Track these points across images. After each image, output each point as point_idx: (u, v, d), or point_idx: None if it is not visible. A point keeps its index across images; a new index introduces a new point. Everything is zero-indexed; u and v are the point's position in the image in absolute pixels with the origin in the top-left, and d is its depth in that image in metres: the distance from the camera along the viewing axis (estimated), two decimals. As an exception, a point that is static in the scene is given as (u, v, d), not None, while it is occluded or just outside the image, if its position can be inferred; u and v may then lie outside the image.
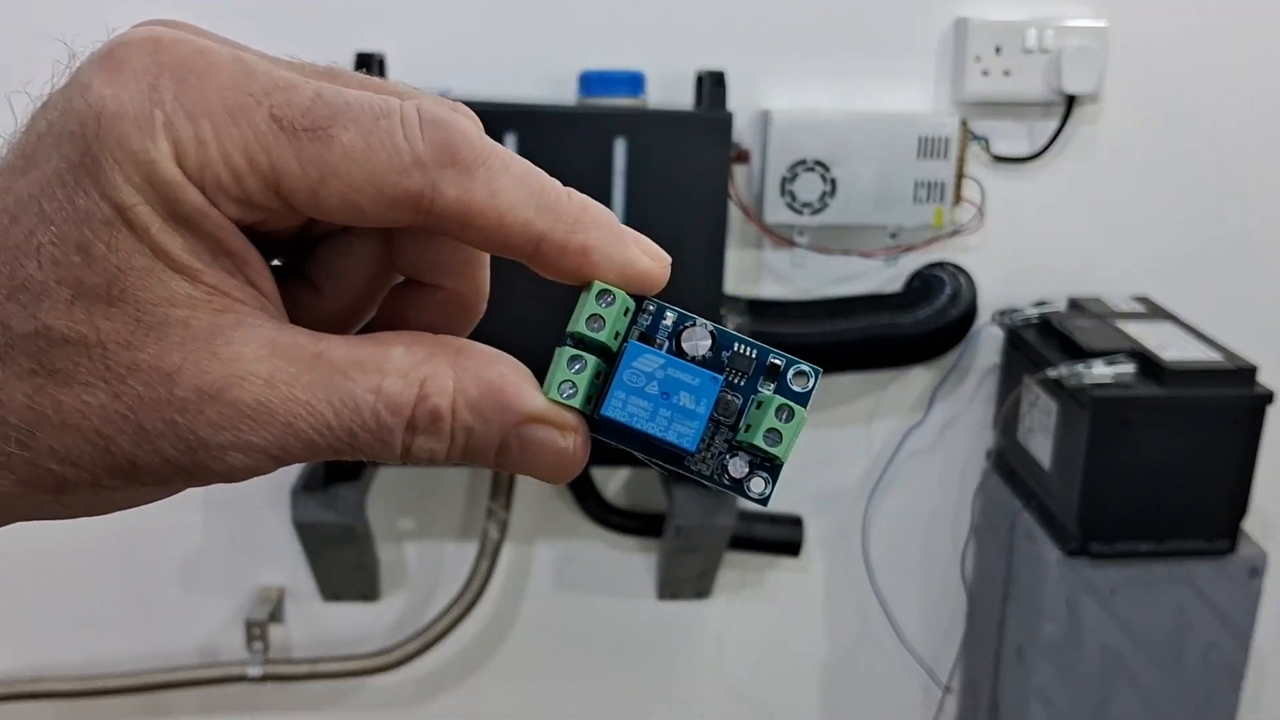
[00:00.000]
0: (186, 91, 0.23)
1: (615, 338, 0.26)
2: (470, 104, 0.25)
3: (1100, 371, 1.12)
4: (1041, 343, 1.22)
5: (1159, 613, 1.18)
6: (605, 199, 1.10)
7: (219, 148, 0.23)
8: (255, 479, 0.24)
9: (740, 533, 1.29)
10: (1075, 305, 1.30)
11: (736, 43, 1.23)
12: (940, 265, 1.29)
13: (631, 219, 1.11)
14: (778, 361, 0.27)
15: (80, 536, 1.31)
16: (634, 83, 1.17)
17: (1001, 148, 1.28)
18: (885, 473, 1.38)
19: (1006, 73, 1.23)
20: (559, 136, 1.11)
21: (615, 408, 0.25)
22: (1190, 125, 1.30)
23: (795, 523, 1.34)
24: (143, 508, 0.25)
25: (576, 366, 0.25)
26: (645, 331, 0.27)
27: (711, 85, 1.16)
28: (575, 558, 1.40)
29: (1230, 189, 1.33)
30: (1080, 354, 1.15)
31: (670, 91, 1.21)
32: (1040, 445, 1.21)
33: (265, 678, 1.34)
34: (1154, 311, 1.28)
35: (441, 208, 0.24)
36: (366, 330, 0.28)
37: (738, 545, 1.31)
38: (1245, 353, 1.15)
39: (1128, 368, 1.12)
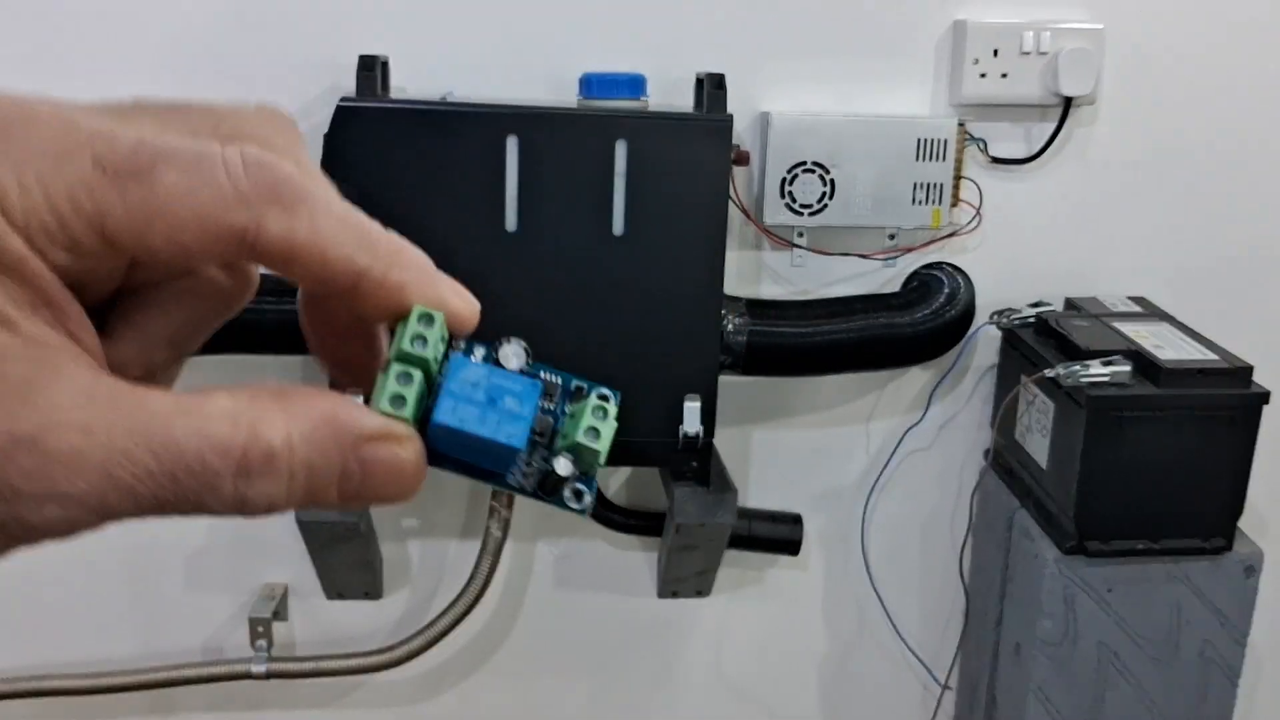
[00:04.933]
0: (9, 141, 0.23)
1: (436, 360, 0.27)
2: (472, 106, 0.26)
3: (1097, 371, 1.13)
4: (1039, 343, 1.23)
5: (1155, 610, 1.19)
6: (606, 201, 1.12)
7: (43, 193, 0.23)
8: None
9: (740, 531, 1.30)
10: (1072, 305, 1.31)
11: (736, 45, 1.23)
12: (938, 266, 1.30)
13: (632, 220, 1.12)
14: (581, 385, 0.29)
15: (85, 536, 1.32)
16: (635, 85, 1.17)
17: (999, 149, 1.28)
18: (884, 472, 1.39)
19: (1004, 75, 1.24)
20: (560, 139, 1.12)
21: (446, 412, 0.26)
22: (1186, 127, 1.31)
23: (795, 521, 1.35)
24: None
25: (405, 381, 0.26)
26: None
27: (712, 88, 1.16)
28: (576, 556, 1.41)
29: (1226, 190, 1.33)
30: (1077, 354, 1.16)
31: (671, 94, 1.22)
32: (1037, 444, 1.22)
33: (269, 675, 1.35)
34: (1150, 312, 1.28)
35: (265, 243, 0.25)
36: None
37: (738, 543, 1.32)
38: (1241, 352, 1.16)
39: (1124, 367, 1.13)
